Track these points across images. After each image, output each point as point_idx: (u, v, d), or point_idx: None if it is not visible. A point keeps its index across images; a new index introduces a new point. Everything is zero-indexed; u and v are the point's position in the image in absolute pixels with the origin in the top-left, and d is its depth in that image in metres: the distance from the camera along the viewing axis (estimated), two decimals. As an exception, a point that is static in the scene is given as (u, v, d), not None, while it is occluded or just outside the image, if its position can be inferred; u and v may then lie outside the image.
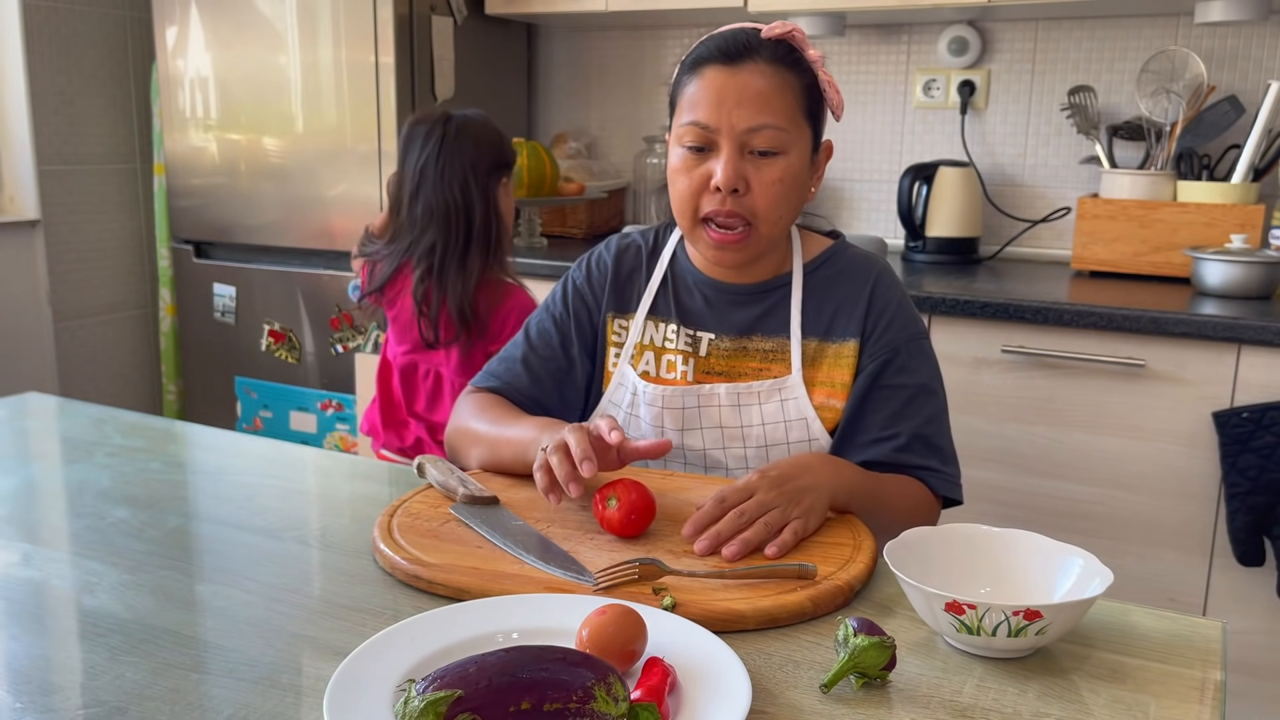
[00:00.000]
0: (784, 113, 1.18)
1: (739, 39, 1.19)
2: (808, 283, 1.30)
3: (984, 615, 0.81)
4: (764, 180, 1.19)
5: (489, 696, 0.66)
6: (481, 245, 1.90)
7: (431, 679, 0.67)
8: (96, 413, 1.54)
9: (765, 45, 1.18)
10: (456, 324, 1.89)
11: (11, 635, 0.87)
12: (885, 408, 1.24)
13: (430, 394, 2.01)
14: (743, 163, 1.19)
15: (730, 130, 1.17)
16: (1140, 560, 2.07)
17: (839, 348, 1.27)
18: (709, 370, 1.30)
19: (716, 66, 1.18)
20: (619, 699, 0.69)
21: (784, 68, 1.19)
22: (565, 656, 0.71)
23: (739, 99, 1.17)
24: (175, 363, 3.23)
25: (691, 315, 1.32)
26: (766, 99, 1.17)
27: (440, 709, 0.65)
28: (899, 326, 1.27)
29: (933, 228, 2.61)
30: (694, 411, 1.28)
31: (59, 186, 3.01)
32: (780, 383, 1.26)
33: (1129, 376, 2.02)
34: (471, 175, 1.89)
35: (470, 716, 0.65)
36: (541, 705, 0.67)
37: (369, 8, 2.57)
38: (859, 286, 1.28)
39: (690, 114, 1.19)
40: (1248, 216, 2.22)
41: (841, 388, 1.26)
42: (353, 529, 1.10)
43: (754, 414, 1.26)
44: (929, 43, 2.75)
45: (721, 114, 1.17)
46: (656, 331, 1.33)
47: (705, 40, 1.23)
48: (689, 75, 1.21)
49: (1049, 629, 0.81)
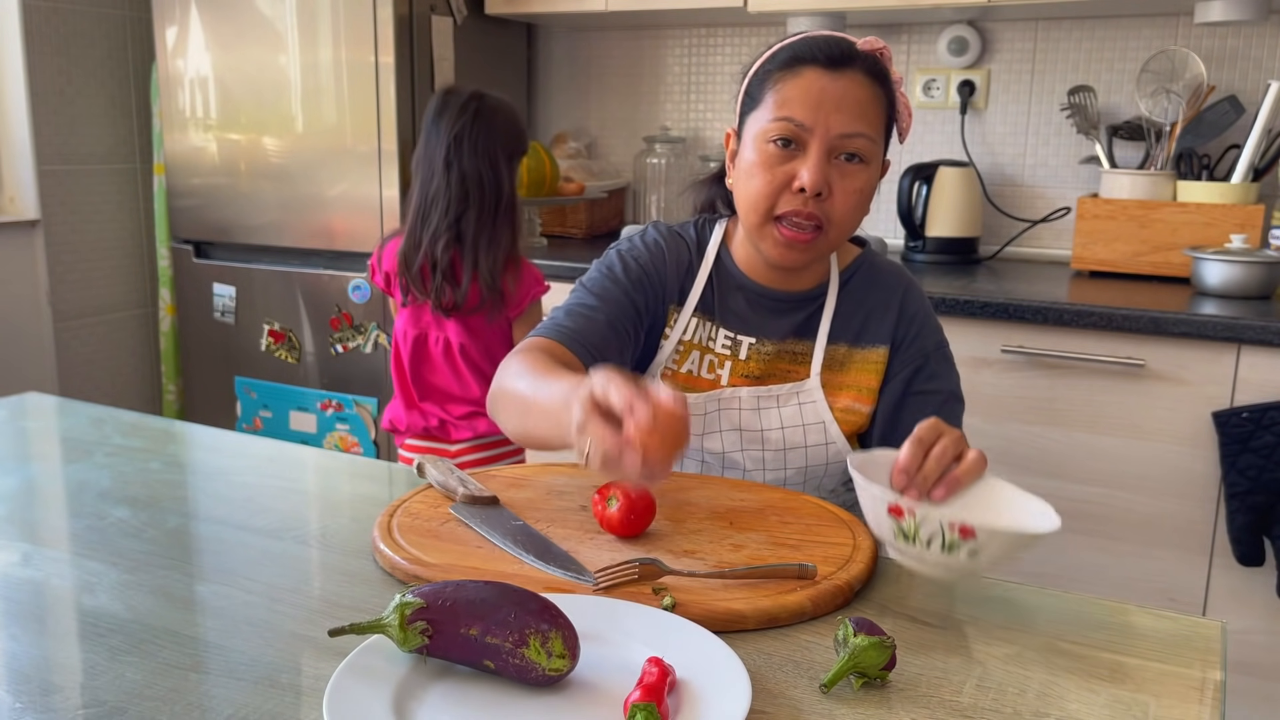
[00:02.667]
0: (875, 124, 1.21)
1: (841, 46, 1.21)
2: (842, 291, 1.32)
3: (921, 522, 0.86)
4: (847, 187, 1.20)
5: (446, 614, 0.76)
6: (509, 219, 1.97)
7: (418, 590, 0.78)
8: (96, 413, 1.54)
9: (863, 57, 1.21)
10: (484, 293, 1.94)
11: (11, 635, 0.87)
12: (921, 413, 1.23)
13: (446, 365, 2.03)
14: (829, 167, 1.20)
15: (824, 133, 1.18)
16: (1140, 560, 2.07)
17: (867, 353, 1.30)
18: (746, 374, 1.30)
19: (818, 69, 1.19)
20: (553, 654, 0.75)
21: (877, 82, 1.21)
22: (529, 603, 0.77)
23: (838, 104, 1.18)
24: (175, 363, 3.23)
25: (733, 317, 1.32)
26: (864, 108, 1.19)
27: (405, 612, 0.76)
28: (927, 334, 1.31)
29: (932, 228, 2.61)
30: (714, 415, 1.28)
31: (59, 186, 3.01)
32: (798, 386, 1.28)
33: (1129, 376, 2.02)
34: (501, 152, 1.96)
35: (424, 624, 0.76)
36: (485, 636, 0.76)
37: (369, 8, 2.57)
38: (890, 295, 1.31)
39: (784, 110, 1.19)
40: (1247, 216, 2.22)
41: (868, 393, 1.29)
42: (353, 529, 1.10)
43: (773, 417, 1.27)
44: (929, 43, 2.75)
45: (819, 115, 1.18)
46: (703, 330, 1.32)
47: (802, 40, 1.23)
48: (783, 71, 1.21)
49: (981, 551, 0.85)
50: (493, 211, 1.95)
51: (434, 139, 1.96)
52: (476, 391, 2.02)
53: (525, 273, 2.01)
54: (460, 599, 0.77)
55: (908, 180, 2.64)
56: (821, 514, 1.10)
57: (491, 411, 1.22)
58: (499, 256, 1.95)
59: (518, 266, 2.00)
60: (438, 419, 2.04)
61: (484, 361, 2.02)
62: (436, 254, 1.93)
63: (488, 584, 0.79)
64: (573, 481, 1.19)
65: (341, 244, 2.72)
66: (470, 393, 2.03)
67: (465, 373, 2.02)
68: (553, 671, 0.76)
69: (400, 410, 2.08)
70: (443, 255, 1.93)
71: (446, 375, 2.04)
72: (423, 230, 1.95)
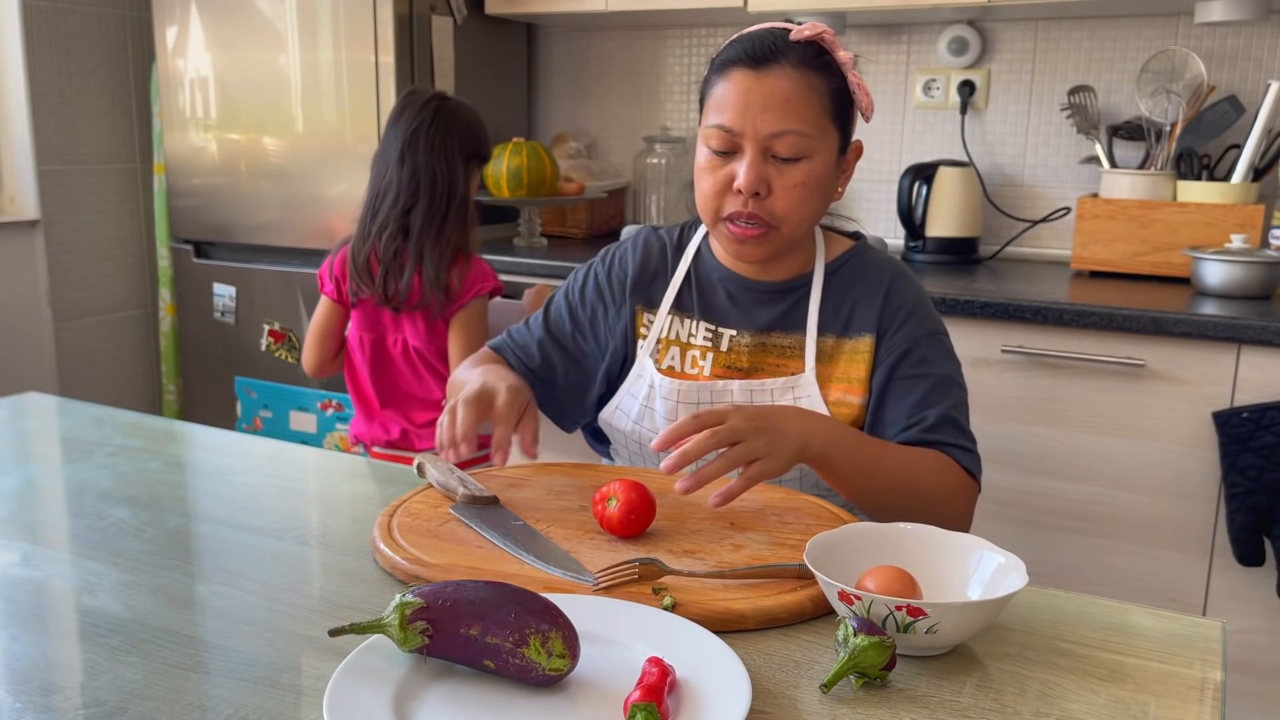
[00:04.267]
0: (809, 118, 1.18)
1: (766, 41, 1.19)
2: (828, 282, 1.31)
3: (870, 607, 0.81)
4: (786, 184, 1.19)
5: (446, 614, 0.76)
6: (459, 220, 1.96)
7: (418, 589, 0.78)
8: (96, 413, 1.54)
9: (793, 48, 1.18)
10: (427, 289, 1.93)
11: (11, 635, 0.87)
12: (910, 395, 1.23)
13: (406, 366, 2.02)
14: (765, 166, 1.19)
15: (754, 135, 1.18)
16: (1140, 560, 2.07)
17: (855, 343, 1.28)
18: (730, 365, 1.31)
19: (743, 70, 1.19)
20: (553, 654, 0.75)
21: (811, 71, 1.18)
22: (529, 603, 0.77)
23: (764, 104, 1.17)
24: (175, 363, 3.23)
25: (715, 311, 1.33)
26: (792, 104, 1.17)
27: (405, 612, 0.76)
28: (917, 322, 1.27)
29: (933, 228, 2.61)
30: (708, 407, 1.27)
31: (59, 186, 3.01)
32: (794, 380, 1.27)
33: (1129, 376, 2.02)
34: (458, 153, 1.96)
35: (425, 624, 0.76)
36: (485, 636, 0.76)
37: (369, 8, 2.57)
38: (876, 284, 1.29)
39: (716, 116, 1.20)
40: (1248, 216, 2.22)
41: (858, 383, 1.27)
42: (353, 529, 1.10)
43: None
44: (929, 43, 2.75)
45: (746, 118, 1.18)
46: (681, 327, 1.34)
47: (734, 41, 1.23)
48: (717, 76, 1.22)
49: (940, 628, 0.80)
50: (443, 208, 1.93)
51: (391, 136, 1.97)
52: (437, 393, 2.01)
53: (474, 268, 1.98)
54: (460, 599, 0.77)
55: (908, 180, 2.64)
56: (822, 514, 1.10)
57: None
58: (445, 253, 1.93)
59: (467, 262, 1.97)
60: (400, 428, 2.03)
61: (439, 362, 2.01)
62: (381, 247, 1.93)
63: (488, 584, 0.79)
64: (573, 482, 1.19)
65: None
66: (431, 394, 2.02)
67: (424, 374, 2.02)
68: (553, 671, 0.76)
69: (361, 424, 2.07)
70: (387, 248, 1.93)
71: (408, 378, 2.03)
72: (371, 224, 1.96)
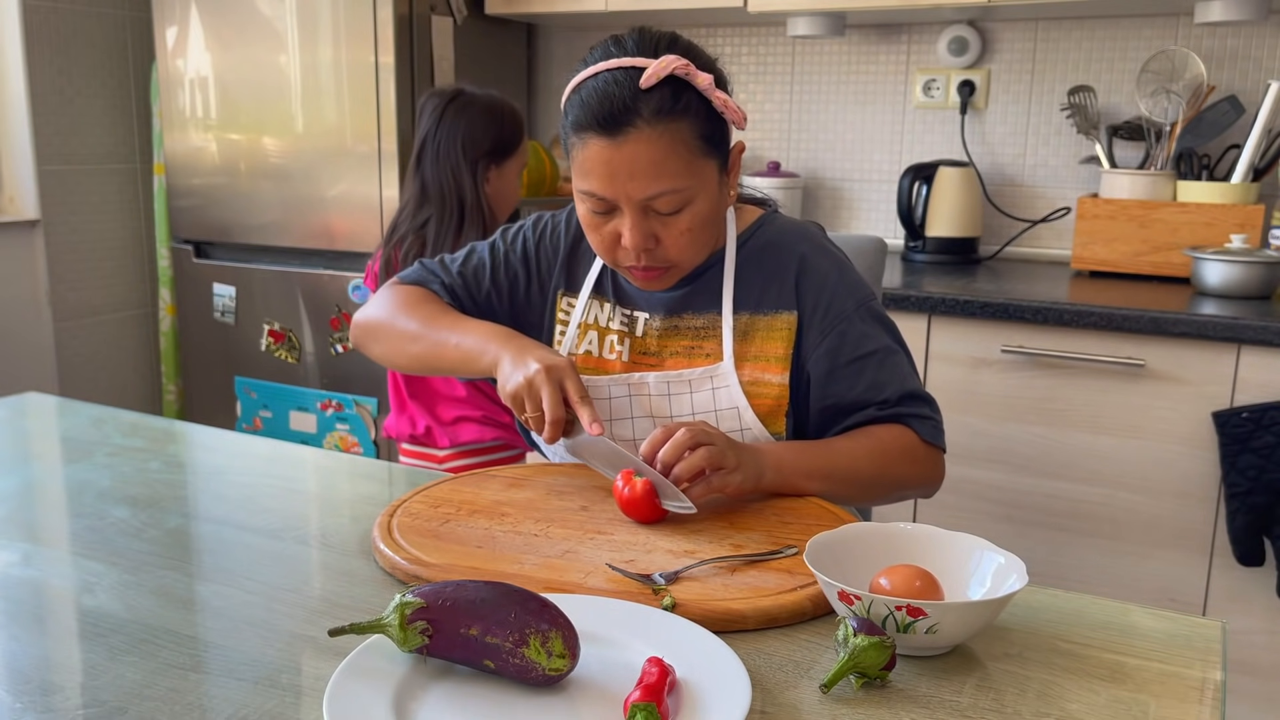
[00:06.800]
0: (679, 171, 1.13)
1: (615, 100, 1.10)
2: (739, 256, 1.27)
3: (870, 607, 0.81)
4: (673, 233, 1.17)
5: (446, 614, 0.77)
6: (476, 226, 1.94)
7: (418, 589, 0.78)
8: (96, 413, 1.54)
9: (646, 100, 1.10)
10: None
11: (11, 635, 0.87)
12: (862, 379, 1.22)
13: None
14: (648, 222, 1.16)
15: (628, 199, 1.14)
16: (1140, 560, 2.07)
17: (771, 320, 1.25)
18: (645, 351, 1.29)
19: (598, 138, 1.12)
20: (553, 654, 0.75)
21: (670, 120, 1.11)
22: (529, 603, 0.77)
23: (630, 172, 1.11)
24: (175, 363, 3.23)
25: (627, 295, 1.31)
26: (658, 165, 1.11)
27: (405, 612, 0.76)
28: (843, 296, 1.24)
29: (933, 228, 2.61)
30: (624, 401, 1.27)
31: (59, 186, 3.01)
32: (712, 370, 1.24)
33: (1129, 376, 2.02)
34: (463, 157, 1.94)
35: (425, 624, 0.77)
36: (485, 636, 0.76)
37: (369, 8, 2.57)
38: (787, 257, 1.26)
39: (584, 182, 1.15)
40: (1247, 216, 2.22)
41: (776, 361, 1.23)
42: (353, 529, 1.10)
43: (685, 403, 1.25)
44: (929, 43, 2.75)
45: (615, 186, 1.13)
46: (601, 311, 1.32)
47: (584, 94, 1.14)
48: (574, 136, 1.15)
49: (940, 628, 0.80)
50: (455, 216, 1.93)
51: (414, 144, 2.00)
52: (461, 390, 2.02)
53: None
54: (460, 599, 0.77)
55: (908, 180, 2.64)
56: (822, 514, 1.10)
57: (359, 341, 1.35)
58: None
59: None
60: (425, 425, 2.04)
61: None
62: (402, 255, 1.95)
63: (488, 584, 0.79)
64: (572, 481, 1.19)
65: (341, 244, 2.72)
66: (455, 391, 2.03)
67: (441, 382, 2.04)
68: (553, 671, 0.76)
69: (392, 417, 2.10)
70: (405, 256, 1.95)
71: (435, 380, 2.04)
72: (392, 235, 2.00)
